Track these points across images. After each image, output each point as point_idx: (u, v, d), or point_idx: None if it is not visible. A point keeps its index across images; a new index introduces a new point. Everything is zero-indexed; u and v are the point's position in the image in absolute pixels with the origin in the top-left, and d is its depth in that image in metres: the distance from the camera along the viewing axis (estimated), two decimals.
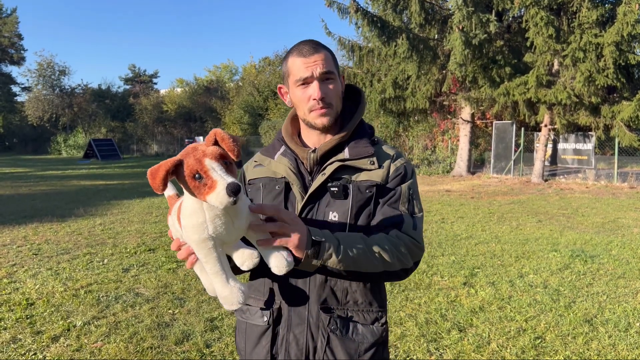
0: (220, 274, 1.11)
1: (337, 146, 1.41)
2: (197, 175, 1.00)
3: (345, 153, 1.39)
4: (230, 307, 1.14)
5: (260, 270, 1.38)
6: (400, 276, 1.37)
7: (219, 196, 0.98)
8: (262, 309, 1.41)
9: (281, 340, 1.38)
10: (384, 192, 1.40)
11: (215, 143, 1.04)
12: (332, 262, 1.24)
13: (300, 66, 1.35)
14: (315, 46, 1.37)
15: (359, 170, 1.38)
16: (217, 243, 1.10)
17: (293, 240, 1.17)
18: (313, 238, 1.21)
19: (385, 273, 1.33)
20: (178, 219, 1.14)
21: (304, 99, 1.37)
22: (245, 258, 1.17)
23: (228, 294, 1.13)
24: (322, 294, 1.35)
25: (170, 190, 1.30)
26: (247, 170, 1.56)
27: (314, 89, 1.34)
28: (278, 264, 1.16)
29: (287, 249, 1.18)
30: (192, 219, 1.06)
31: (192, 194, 1.03)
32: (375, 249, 1.28)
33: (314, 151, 1.41)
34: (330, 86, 1.37)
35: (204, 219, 1.06)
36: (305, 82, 1.36)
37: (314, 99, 1.34)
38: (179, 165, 1.01)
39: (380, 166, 1.40)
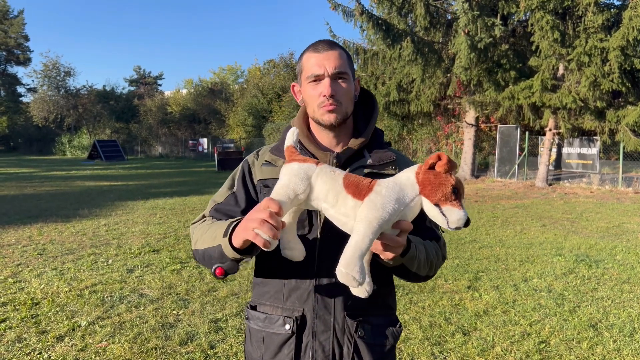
0: (366, 253, 1.11)
1: (357, 151, 1.40)
2: (455, 190, 1.08)
3: (368, 159, 1.38)
4: (352, 279, 1.08)
5: (278, 276, 1.38)
6: (422, 280, 1.42)
7: (461, 215, 1.07)
8: (284, 317, 1.37)
9: (305, 348, 1.35)
10: None
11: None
12: (408, 261, 1.26)
13: (313, 63, 1.34)
14: (331, 44, 1.36)
15: (382, 177, 1.35)
16: (383, 227, 1.11)
17: (402, 241, 1.17)
18: (409, 238, 1.24)
19: (423, 278, 1.39)
20: (350, 184, 1.14)
21: (314, 96, 1.35)
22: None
23: (360, 268, 1.09)
24: (348, 300, 1.34)
25: (291, 141, 1.26)
26: (254, 167, 1.48)
27: (325, 85, 1.32)
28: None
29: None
30: (399, 199, 1.10)
31: (433, 193, 1.08)
32: (430, 256, 1.36)
33: (335, 156, 1.38)
34: (343, 85, 1.34)
35: (403, 209, 1.11)
36: (317, 79, 1.33)
37: (324, 96, 1.32)
38: (453, 168, 1.09)
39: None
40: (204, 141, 37.35)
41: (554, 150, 16.47)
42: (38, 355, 3.48)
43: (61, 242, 7.14)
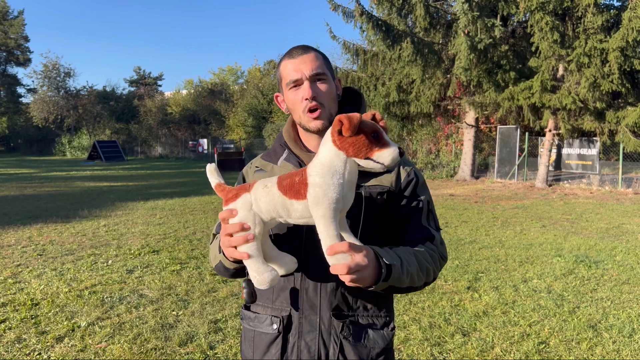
0: (339, 236, 1.13)
1: None
2: (374, 135, 1.10)
3: None
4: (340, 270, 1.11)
5: None
6: (420, 289, 1.39)
7: (393, 153, 1.09)
8: (272, 316, 1.39)
9: (292, 348, 1.36)
10: (399, 200, 1.40)
11: (372, 119, 1.16)
12: (396, 281, 1.22)
13: (290, 69, 1.35)
14: (304, 48, 1.37)
15: (368, 174, 1.36)
16: (338, 208, 1.13)
17: (369, 268, 1.13)
18: (386, 261, 1.18)
19: (421, 286, 1.36)
20: (286, 189, 1.15)
21: (297, 101, 1.35)
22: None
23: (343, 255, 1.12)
24: (334, 301, 1.34)
25: (217, 179, 1.30)
26: (248, 175, 1.52)
27: (305, 89, 1.33)
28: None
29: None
30: (335, 178, 1.11)
31: (358, 151, 1.09)
32: (423, 264, 1.31)
33: None
34: (322, 87, 1.35)
35: (344, 181, 1.12)
36: (296, 84, 1.34)
37: (306, 99, 1.32)
38: (357, 125, 1.09)
39: (388, 170, 1.38)
40: (204, 142, 37.35)
41: (554, 151, 16.47)
42: (38, 356, 3.48)
43: (61, 243, 7.14)
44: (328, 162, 1.12)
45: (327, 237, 1.11)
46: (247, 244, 1.18)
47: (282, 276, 1.31)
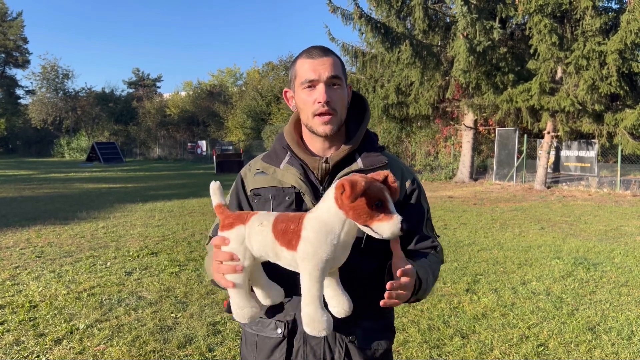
0: (321, 297, 1.12)
1: (348, 155, 1.38)
2: (378, 203, 1.05)
3: (359, 163, 1.36)
4: (319, 332, 1.13)
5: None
6: None
7: (394, 226, 1.04)
8: (276, 321, 1.38)
9: (296, 352, 1.36)
10: (404, 208, 1.40)
11: (384, 181, 1.11)
12: (421, 294, 1.32)
13: (307, 68, 1.32)
14: (325, 50, 1.36)
15: None
16: (326, 268, 1.11)
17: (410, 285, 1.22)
18: (420, 277, 1.27)
19: None
20: (279, 234, 1.13)
21: (309, 102, 1.33)
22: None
23: (322, 318, 1.12)
24: None
25: (218, 199, 1.28)
26: (247, 178, 1.48)
27: (320, 92, 1.30)
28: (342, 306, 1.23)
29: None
30: (329, 238, 1.08)
31: (358, 217, 1.06)
32: (435, 274, 1.42)
33: (325, 161, 1.37)
34: (337, 92, 1.33)
35: (337, 242, 1.09)
36: (312, 84, 1.32)
37: (319, 102, 1.31)
38: (359, 193, 1.04)
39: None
40: (203, 143, 37.36)
41: (553, 153, 16.49)
42: (36, 358, 3.47)
43: (59, 245, 7.13)
44: (325, 219, 1.09)
45: (307, 295, 1.10)
46: (235, 274, 1.19)
47: (262, 305, 1.33)
